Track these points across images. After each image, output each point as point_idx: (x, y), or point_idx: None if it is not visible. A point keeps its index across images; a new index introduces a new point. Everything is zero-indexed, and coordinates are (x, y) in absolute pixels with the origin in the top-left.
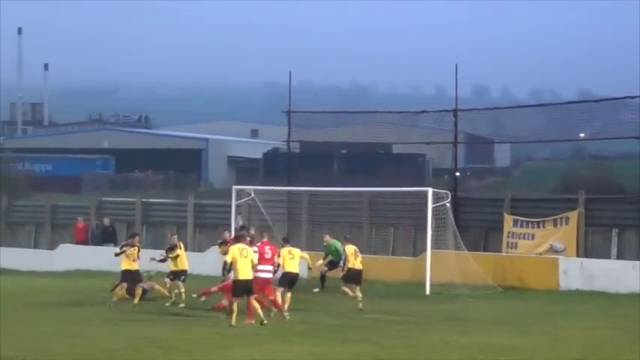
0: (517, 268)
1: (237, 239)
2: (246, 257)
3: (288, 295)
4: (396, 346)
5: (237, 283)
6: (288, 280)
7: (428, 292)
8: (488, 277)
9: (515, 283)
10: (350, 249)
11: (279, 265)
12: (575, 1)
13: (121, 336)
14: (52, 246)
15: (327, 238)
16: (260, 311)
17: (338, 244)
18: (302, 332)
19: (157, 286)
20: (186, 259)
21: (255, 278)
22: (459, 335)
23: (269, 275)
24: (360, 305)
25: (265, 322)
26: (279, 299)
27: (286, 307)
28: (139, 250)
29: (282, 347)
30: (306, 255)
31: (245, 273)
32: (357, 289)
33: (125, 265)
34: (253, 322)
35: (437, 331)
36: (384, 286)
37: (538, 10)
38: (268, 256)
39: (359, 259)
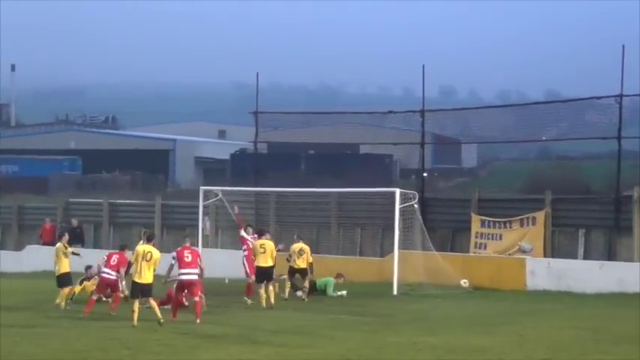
0: (484, 269)
1: (149, 240)
2: (148, 261)
3: (270, 288)
4: (364, 347)
5: (133, 284)
6: (261, 275)
7: (395, 292)
8: (456, 277)
9: (482, 283)
10: (295, 247)
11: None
12: (541, 2)
13: (90, 337)
14: (19, 247)
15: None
16: (157, 310)
17: (330, 281)
18: (270, 332)
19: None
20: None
21: (180, 281)
22: (426, 335)
23: (193, 277)
24: (302, 294)
25: (162, 321)
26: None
27: (272, 301)
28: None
29: (250, 348)
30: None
31: (142, 277)
32: (305, 281)
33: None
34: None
35: (405, 332)
36: (352, 286)
37: (504, 12)
38: (188, 259)
39: (303, 257)
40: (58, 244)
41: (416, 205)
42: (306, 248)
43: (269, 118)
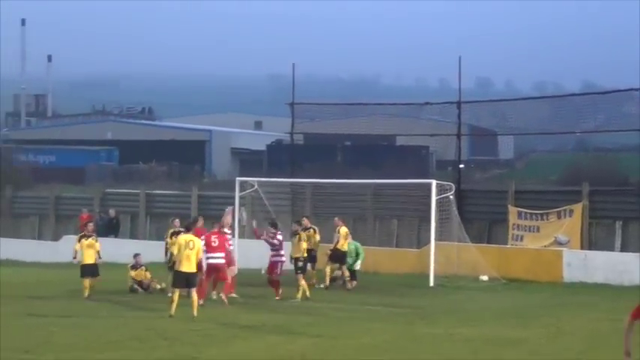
0: (521, 260)
1: (187, 229)
2: (192, 249)
3: (303, 282)
4: (400, 338)
5: (177, 273)
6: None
7: (432, 283)
8: (492, 269)
9: (519, 275)
10: (344, 230)
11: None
12: None
13: (127, 327)
14: (55, 237)
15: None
16: (196, 304)
17: (359, 247)
18: (307, 323)
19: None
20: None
21: (207, 265)
22: (462, 327)
23: (219, 261)
24: (345, 283)
25: (196, 316)
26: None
27: (308, 293)
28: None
29: (287, 339)
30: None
31: (187, 265)
32: (344, 267)
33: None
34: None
35: (441, 323)
36: (388, 277)
37: (541, 2)
38: (215, 244)
39: (347, 240)
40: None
41: (451, 197)
42: None
43: (305, 110)
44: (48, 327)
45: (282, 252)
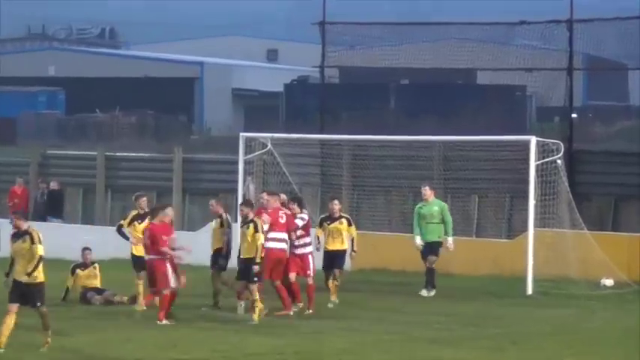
0: None
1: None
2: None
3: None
4: None
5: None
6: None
7: (530, 290)
8: (619, 268)
9: None
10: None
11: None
12: None
13: (76, 355)
14: None
15: (427, 192)
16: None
17: (445, 208)
18: (342, 350)
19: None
20: None
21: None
22: (574, 355)
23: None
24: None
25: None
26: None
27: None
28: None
29: None
30: None
31: None
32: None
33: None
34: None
35: (543, 349)
36: (465, 280)
37: None
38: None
39: None
40: None
41: (559, 162)
42: None
43: (342, 32)
44: None
45: (309, 239)
